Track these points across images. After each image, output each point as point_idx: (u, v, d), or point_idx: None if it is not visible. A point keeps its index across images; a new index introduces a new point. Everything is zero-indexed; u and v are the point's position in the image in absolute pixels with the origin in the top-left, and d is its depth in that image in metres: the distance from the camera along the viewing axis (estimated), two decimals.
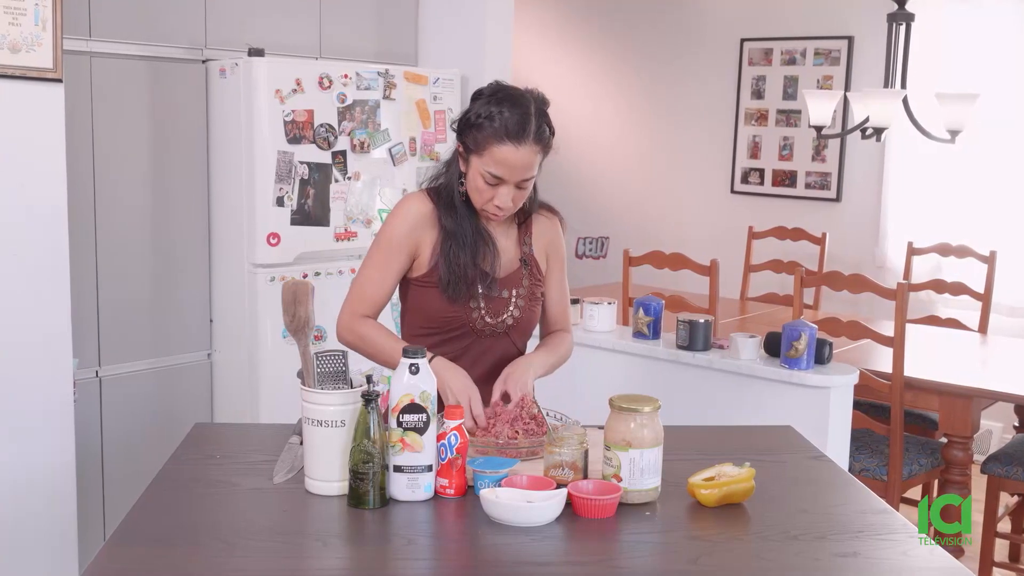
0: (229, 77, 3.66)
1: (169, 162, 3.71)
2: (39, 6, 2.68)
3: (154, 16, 3.63)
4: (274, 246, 3.66)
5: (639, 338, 3.49)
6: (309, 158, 3.72)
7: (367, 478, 1.84)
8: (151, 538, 1.73)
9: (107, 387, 3.60)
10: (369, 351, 2.28)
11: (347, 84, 3.78)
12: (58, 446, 3.00)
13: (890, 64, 4.24)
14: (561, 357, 2.44)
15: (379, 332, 2.29)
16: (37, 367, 2.94)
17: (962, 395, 3.51)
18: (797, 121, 5.87)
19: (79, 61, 3.41)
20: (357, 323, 2.30)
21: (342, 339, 2.30)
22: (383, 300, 2.33)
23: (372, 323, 2.30)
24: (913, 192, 5.41)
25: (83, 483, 3.40)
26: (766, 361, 3.20)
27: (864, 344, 3.92)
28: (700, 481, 1.89)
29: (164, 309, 3.74)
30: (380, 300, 2.32)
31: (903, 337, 3.47)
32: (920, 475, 3.66)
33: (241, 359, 3.76)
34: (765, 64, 6.01)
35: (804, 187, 5.89)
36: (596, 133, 6.80)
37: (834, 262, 5.34)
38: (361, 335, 2.29)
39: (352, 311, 2.31)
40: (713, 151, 6.25)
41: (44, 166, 2.90)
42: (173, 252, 3.76)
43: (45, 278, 2.94)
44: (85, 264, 3.49)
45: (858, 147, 5.48)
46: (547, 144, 2.21)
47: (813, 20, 5.78)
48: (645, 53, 6.53)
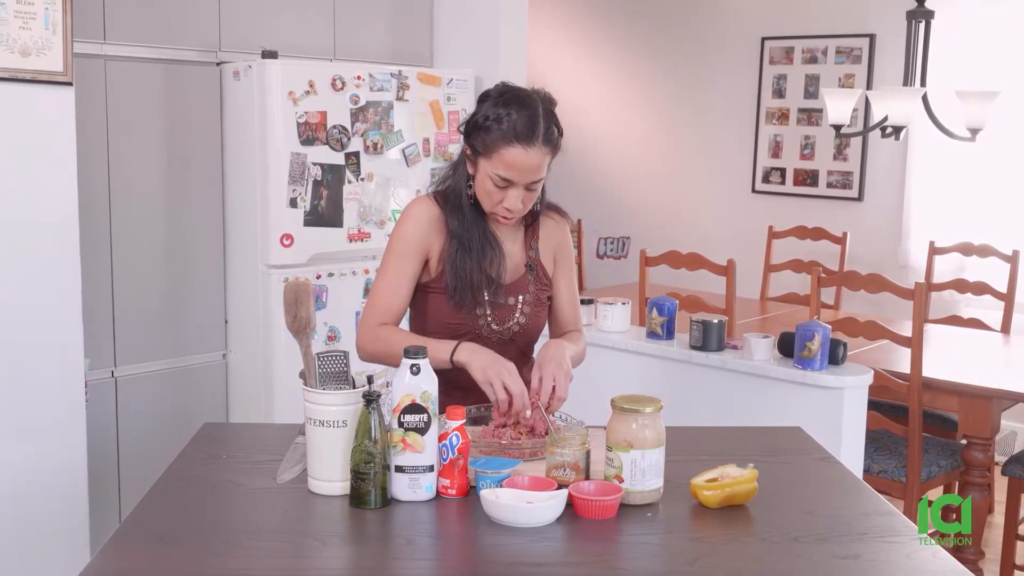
0: (243, 79, 3.68)
1: (183, 164, 3.74)
2: (49, 10, 2.70)
3: (168, 19, 3.66)
4: (287, 247, 3.67)
5: (653, 338, 3.47)
6: (322, 159, 3.73)
7: (368, 478, 1.84)
8: (152, 537, 1.73)
9: (123, 387, 3.63)
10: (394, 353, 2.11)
11: (360, 85, 3.79)
12: (70, 446, 3.02)
13: (910, 62, 4.19)
14: (580, 352, 2.41)
15: (400, 336, 2.21)
16: (49, 368, 2.97)
17: (982, 396, 3.47)
18: (819, 120, 5.82)
19: (94, 64, 3.44)
20: (379, 330, 2.22)
21: (365, 352, 2.22)
22: (402, 306, 2.27)
23: (391, 328, 2.24)
24: (936, 191, 5.35)
25: (98, 483, 3.43)
26: (780, 362, 3.17)
27: (883, 344, 3.88)
28: (702, 482, 1.87)
29: (179, 310, 3.77)
30: (399, 307, 2.26)
31: (921, 337, 3.43)
32: (940, 477, 3.61)
33: (256, 359, 3.78)
34: (786, 63, 5.96)
35: (826, 186, 5.84)
36: (616, 133, 6.78)
37: (856, 262, 5.29)
38: (386, 340, 2.20)
39: (371, 324, 2.24)
40: (734, 150, 6.21)
41: (55, 169, 2.92)
42: (188, 253, 3.78)
43: (56, 279, 2.96)
44: (100, 265, 3.52)
45: (880, 146, 5.43)
46: (556, 145, 2.19)
47: (834, 18, 5.73)
48: (666, 52, 6.51)
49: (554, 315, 2.46)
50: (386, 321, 2.24)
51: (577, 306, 2.49)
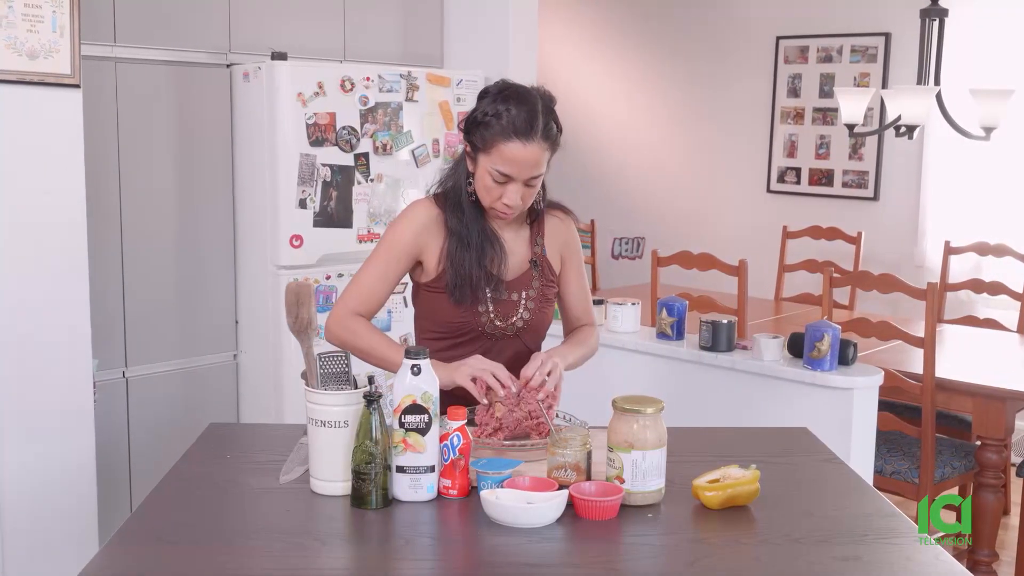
0: (252, 81, 3.69)
1: (194, 165, 3.75)
2: (56, 13, 2.72)
3: (178, 21, 3.67)
4: (297, 248, 3.68)
5: (663, 339, 3.46)
6: (331, 160, 3.73)
7: (369, 478, 1.84)
8: (153, 536, 1.74)
9: (133, 388, 3.64)
10: (361, 346, 2.23)
11: (369, 87, 3.79)
12: (78, 446, 3.04)
13: (923, 61, 4.16)
14: (589, 349, 2.42)
15: (371, 331, 2.27)
16: (57, 368, 2.98)
17: (996, 396, 3.44)
18: (834, 119, 5.79)
19: (104, 67, 3.46)
20: (350, 320, 2.27)
21: (332, 334, 2.26)
22: (379, 302, 2.31)
23: (365, 322, 2.28)
24: (952, 190, 5.31)
25: (110, 483, 3.45)
26: (789, 362, 3.16)
27: (897, 345, 3.85)
28: (704, 483, 1.86)
29: (190, 310, 3.78)
30: (376, 301, 2.30)
31: (933, 337, 3.40)
32: (954, 478, 3.58)
33: (266, 360, 3.78)
34: (801, 62, 5.93)
35: (841, 186, 5.81)
36: (631, 133, 6.76)
37: (873, 262, 5.26)
38: (353, 331, 2.25)
39: (347, 308, 2.28)
40: (749, 150, 6.19)
41: (63, 171, 2.94)
42: (199, 254, 3.79)
43: (64, 280, 2.97)
44: (112, 266, 3.54)
45: (896, 145, 5.39)
46: (555, 141, 2.19)
47: (849, 17, 5.70)
48: (680, 52, 6.49)
49: (565, 311, 2.47)
50: (360, 311, 2.28)
51: (589, 301, 2.49)
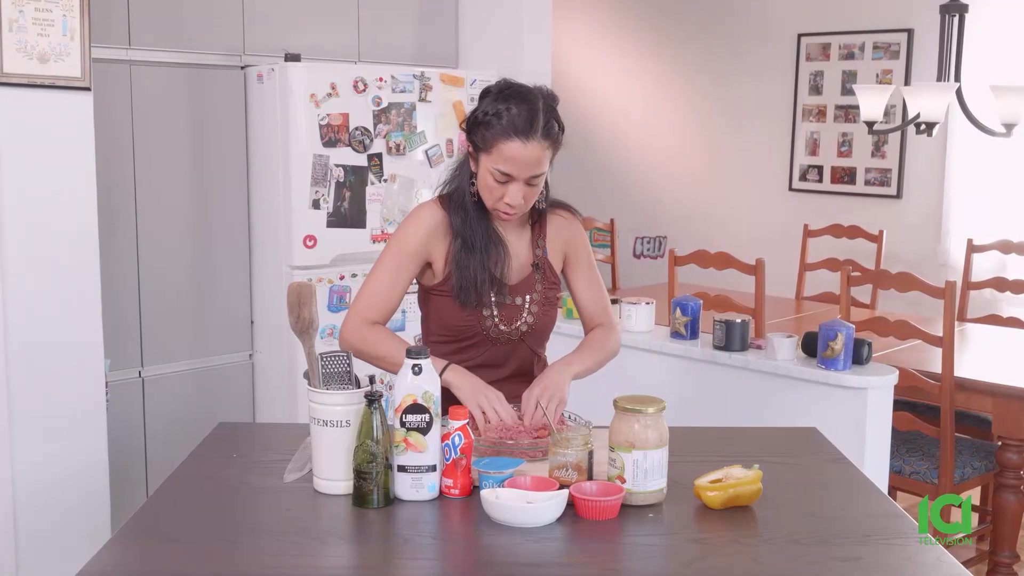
0: (266, 82, 3.71)
1: (208, 167, 3.77)
2: (67, 16, 2.74)
3: (192, 24, 3.69)
4: (310, 248, 3.69)
5: (677, 338, 3.43)
6: (344, 161, 3.74)
7: (370, 478, 1.84)
8: (156, 535, 1.75)
9: (149, 388, 3.67)
10: (378, 355, 2.22)
11: (382, 87, 3.80)
12: (91, 446, 3.06)
13: (943, 57, 4.11)
14: (606, 353, 2.37)
15: (386, 339, 2.24)
16: (70, 368, 3.01)
17: (1017, 396, 3.38)
18: (856, 117, 5.72)
19: (119, 69, 3.48)
20: (365, 329, 2.25)
21: (348, 344, 2.24)
22: (392, 307, 2.29)
23: (379, 329, 2.26)
24: (975, 188, 5.24)
25: (126, 483, 3.47)
26: (803, 362, 3.13)
27: (917, 344, 3.80)
28: (706, 483, 1.84)
29: (205, 310, 3.81)
30: (389, 307, 2.28)
31: (952, 336, 3.35)
32: (974, 479, 3.53)
33: (281, 360, 3.80)
34: (823, 59, 5.88)
35: (864, 184, 5.75)
36: (652, 132, 6.73)
37: (896, 260, 5.20)
38: (369, 340, 2.23)
39: (360, 316, 2.26)
40: (771, 148, 6.14)
41: (74, 173, 2.96)
42: (214, 254, 3.81)
43: (76, 281, 3.00)
44: (127, 267, 3.56)
45: (919, 143, 5.33)
46: (556, 140, 2.18)
47: (871, 13, 5.64)
48: (701, 50, 6.45)
49: (579, 311, 2.44)
50: (374, 319, 2.26)
51: (604, 301, 2.44)
